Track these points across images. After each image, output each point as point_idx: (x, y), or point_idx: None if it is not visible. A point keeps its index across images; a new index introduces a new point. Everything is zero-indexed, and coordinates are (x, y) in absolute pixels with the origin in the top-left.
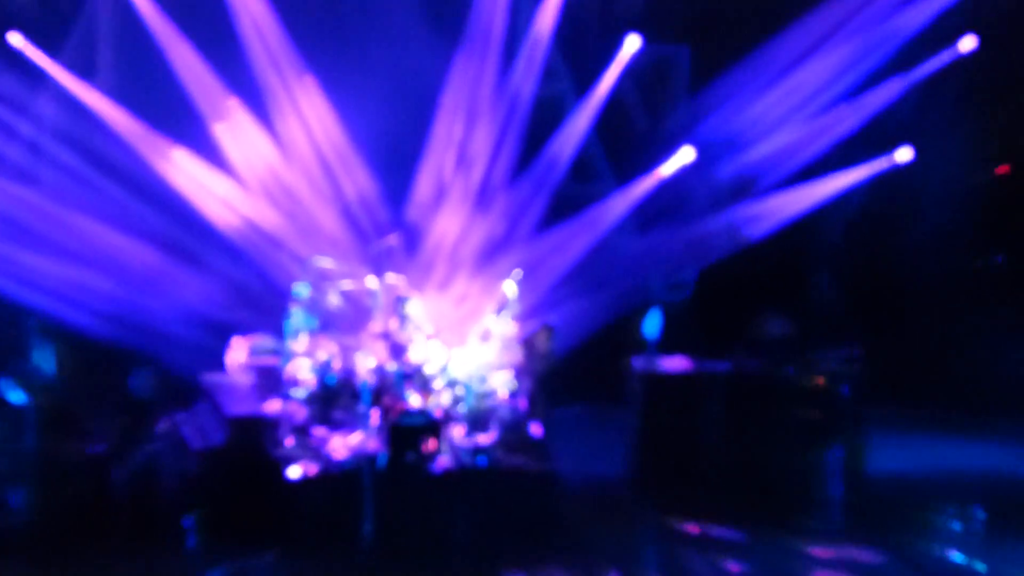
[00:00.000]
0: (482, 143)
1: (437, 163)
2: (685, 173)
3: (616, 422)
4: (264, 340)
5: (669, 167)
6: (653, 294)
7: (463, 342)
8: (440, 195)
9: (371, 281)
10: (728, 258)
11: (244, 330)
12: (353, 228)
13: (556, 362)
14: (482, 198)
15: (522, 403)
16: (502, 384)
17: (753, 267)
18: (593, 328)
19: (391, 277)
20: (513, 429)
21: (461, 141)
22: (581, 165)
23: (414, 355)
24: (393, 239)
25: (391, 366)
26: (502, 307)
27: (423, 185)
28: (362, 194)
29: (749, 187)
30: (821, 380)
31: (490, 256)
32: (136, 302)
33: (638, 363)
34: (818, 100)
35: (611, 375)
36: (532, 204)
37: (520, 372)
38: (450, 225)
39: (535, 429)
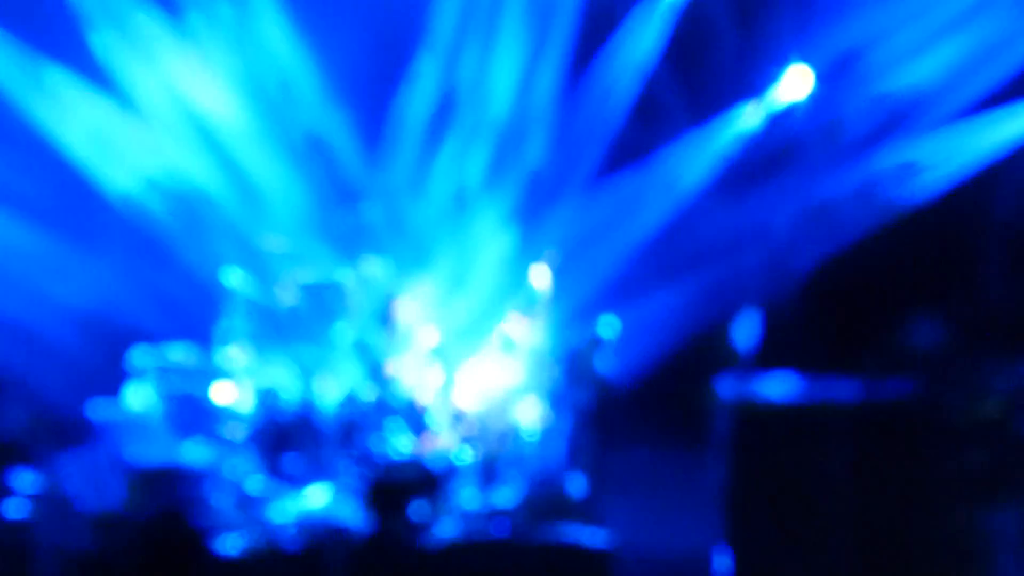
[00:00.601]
0: (505, 70)
1: (433, 98)
2: (796, 110)
3: (695, 474)
4: (182, 354)
5: (772, 101)
6: (750, 288)
7: (475, 358)
8: (440, 145)
9: (341, 270)
10: (860, 235)
11: (153, 339)
12: (316, 193)
13: (609, 388)
14: (503, 150)
15: (560, 447)
16: (530, 419)
17: (894, 249)
18: (663, 338)
19: (370, 264)
20: (546, 485)
21: (472, 68)
22: (648, 102)
23: (403, 378)
24: (374, 208)
25: (369, 394)
26: (531, 307)
27: (413, 130)
28: (329, 145)
29: (888, 131)
30: (991, 410)
31: (515, 232)
32: None
33: (727, 389)
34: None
35: (688, 406)
36: (578, 159)
37: (557, 402)
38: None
39: (578, 484)
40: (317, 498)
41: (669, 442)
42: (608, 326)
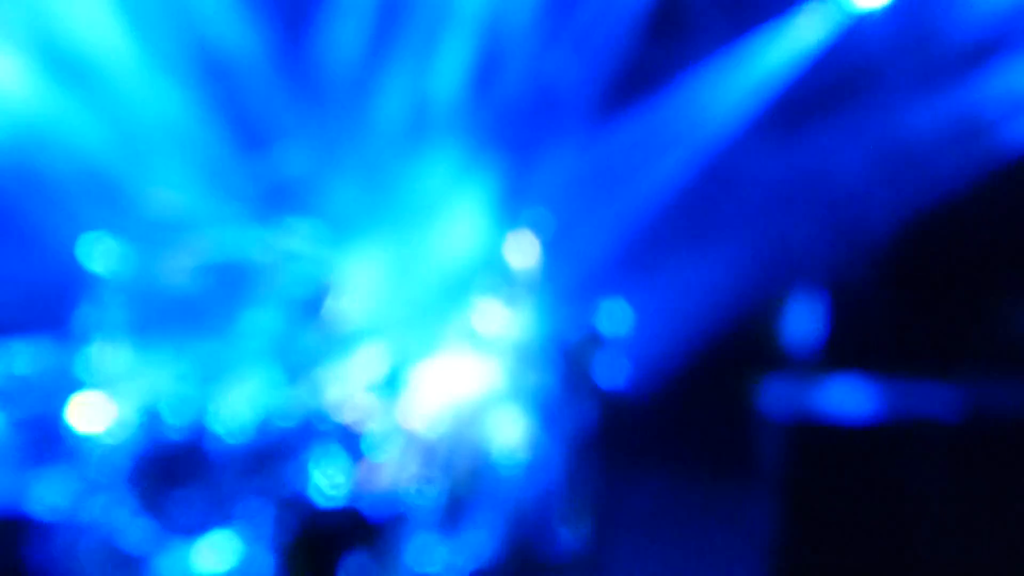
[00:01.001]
0: None
1: None
2: (873, 17)
3: (734, 513)
4: (29, 358)
5: (841, 4)
6: (808, 261)
7: (433, 360)
8: (389, 62)
9: (252, 240)
10: (957, 189)
11: None
12: (218, 134)
13: (616, 398)
14: (477, 69)
15: (550, 479)
16: (510, 442)
17: (1003, 208)
18: (689, 330)
19: (293, 231)
20: (532, 530)
21: None
22: (668, 7)
23: (336, 387)
24: (297, 154)
25: (289, 410)
26: (509, 289)
27: (350, 43)
28: (235, 67)
29: (994, 48)
30: None
31: (489, 186)
32: None
33: (777, 400)
34: None
35: (724, 423)
36: (578, 82)
37: (546, 417)
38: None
39: (575, 529)
40: (216, 553)
41: (698, 470)
42: (615, 315)
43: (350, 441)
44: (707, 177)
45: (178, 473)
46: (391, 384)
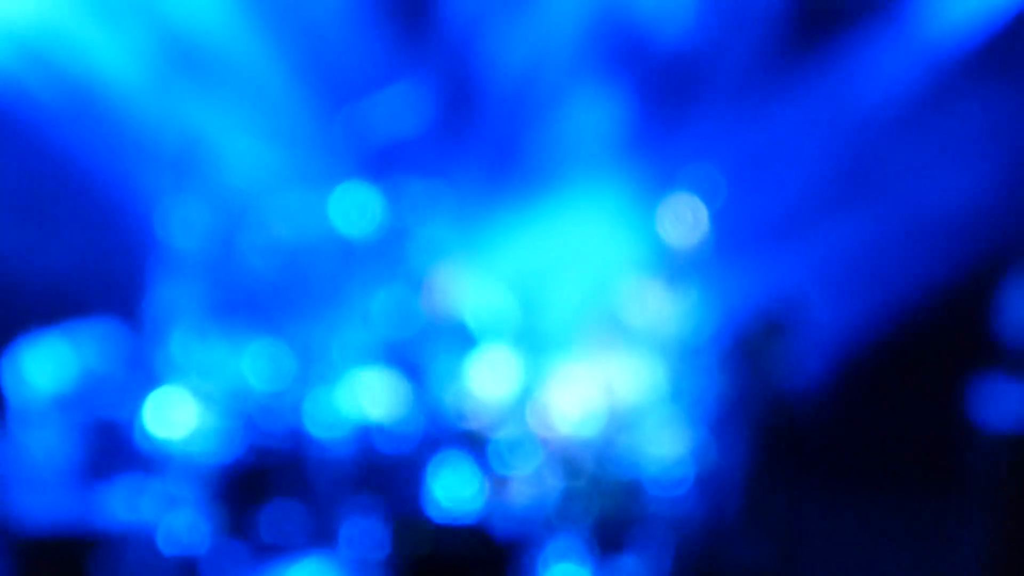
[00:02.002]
0: None
1: None
2: None
3: (939, 535)
4: (93, 352)
5: None
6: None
7: (574, 355)
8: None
9: (358, 209)
10: None
11: (45, 326)
12: (310, 81)
13: (797, 402)
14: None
15: (719, 498)
16: (669, 454)
17: None
18: (883, 322)
19: (406, 200)
20: (699, 557)
21: None
22: None
23: (458, 387)
24: (408, 104)
25: (400, 412)
26: (666, 272)
27: None
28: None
29: None
30: None
31: (640, 144)
32: None
33: (990, 402)
34: None
35: (926, 429)
36: (738, 33)
37: (714, 425)
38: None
39: (750, 556)
40: None
41: (896, 485)
42: (794, 302)
43: (477, 450)
44: (889, 132)
45: (272, 486)
46: (525, 385)
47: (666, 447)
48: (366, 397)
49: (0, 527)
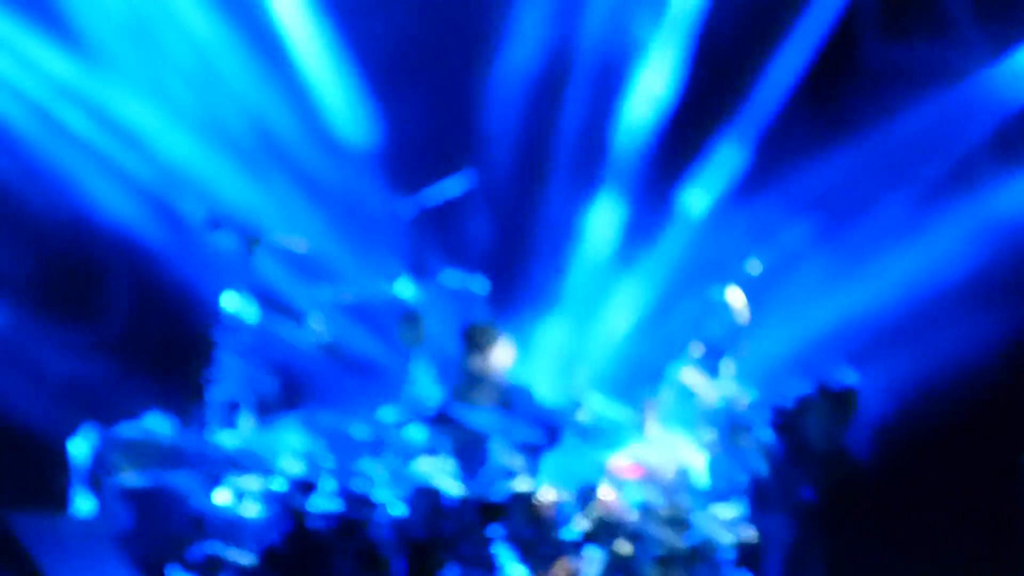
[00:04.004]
0: None
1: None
2: None
3: None
4: (154, 430)
5: None
6: None
7: (633, 426)
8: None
9: (401, 287)
10: None
11: (111, 411)
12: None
13: (857, 467)
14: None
15: (773, 565)
16: (727, 526)
17: None
18: (935, 384)
19: (454, 279)
20: None
21: None
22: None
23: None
24: (456, 183)
25: (456, 489)
26: (723, 340)
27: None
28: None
29: None
30: None
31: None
32: None
33: None
34: None
35: (984, 495)
36: (786, 93)
37: (770, 493)
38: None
39: None
40: None
41: (954, 555)
42: (843, 367)
43: (534, 529)
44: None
45: (333, 560)
46: (583, 456)
47: (719, 520)
48: (426, 471)
49: None
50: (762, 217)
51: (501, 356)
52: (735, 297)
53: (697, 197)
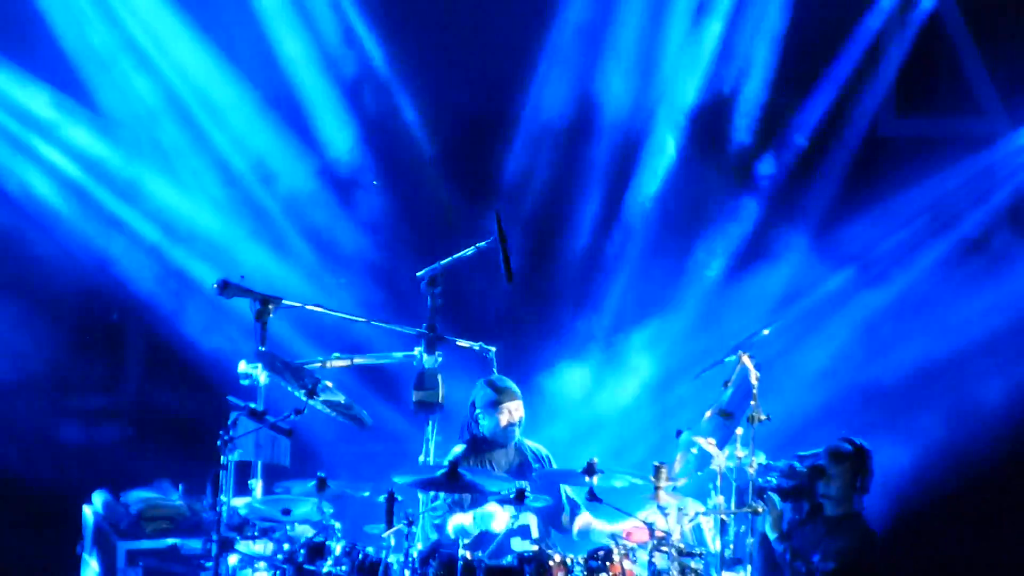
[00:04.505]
0: None
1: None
2: None
3: None
4: (162, 492)
5: None
6: None
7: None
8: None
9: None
10: None
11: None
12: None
13: (870, 527)
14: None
15: None
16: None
17: None
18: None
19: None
20: None
21: None
22: (917, 79)
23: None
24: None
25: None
26: (728, 408)
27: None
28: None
29: None
30: None
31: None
32: None
33: None
34: None
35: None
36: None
37: (777, 557)
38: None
39: None
40: None
41: None
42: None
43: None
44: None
45: None
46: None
47: None
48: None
49: None
50: (777, 281)
51: (515, 416)
52: (747, 360)
53: (712, 259)
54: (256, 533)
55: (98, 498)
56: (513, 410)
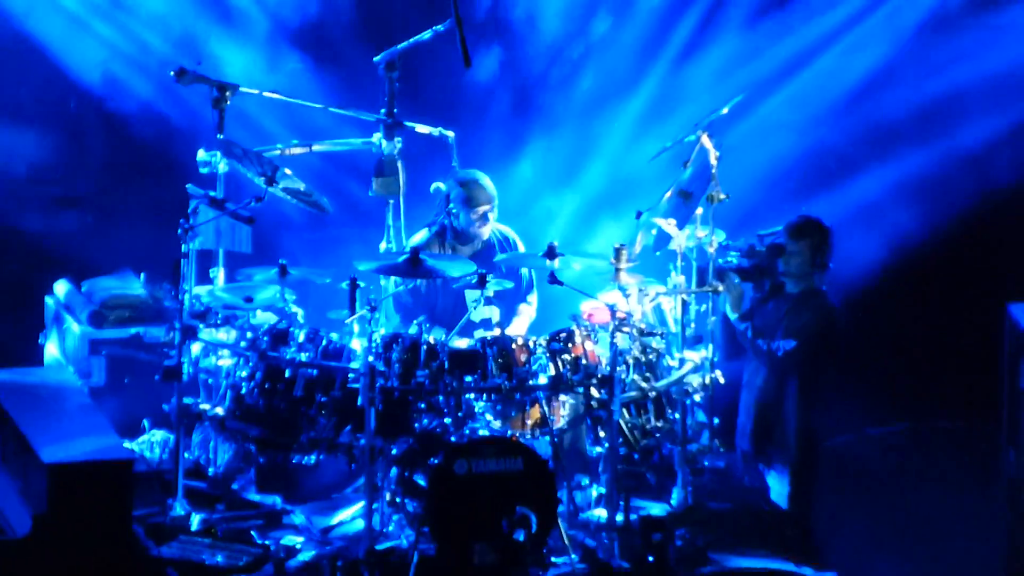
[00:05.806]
0: None
1: None
2: None
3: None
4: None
5: None
6: None
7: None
8: None
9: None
10: None
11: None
12: None
13: (831, 303)
14: None
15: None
16: (695, 365)
17: None
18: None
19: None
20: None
21: None
22: None
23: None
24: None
25: (425, 335)
26: (688, 187)
27: None
28: None
29: None
30: None
31: None
32: None
33: None
34: None
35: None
36: None
37: (738, 335)
38: None
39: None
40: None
41: (945, 396)
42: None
43: (512, 380)
44: None
45: (307, 410)
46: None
47: (687, 362)
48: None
49: None
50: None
51: (490, 216)
52: (706, 140)
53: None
54: (219, 321)
55: (60, 287)
56: (488, 211)
